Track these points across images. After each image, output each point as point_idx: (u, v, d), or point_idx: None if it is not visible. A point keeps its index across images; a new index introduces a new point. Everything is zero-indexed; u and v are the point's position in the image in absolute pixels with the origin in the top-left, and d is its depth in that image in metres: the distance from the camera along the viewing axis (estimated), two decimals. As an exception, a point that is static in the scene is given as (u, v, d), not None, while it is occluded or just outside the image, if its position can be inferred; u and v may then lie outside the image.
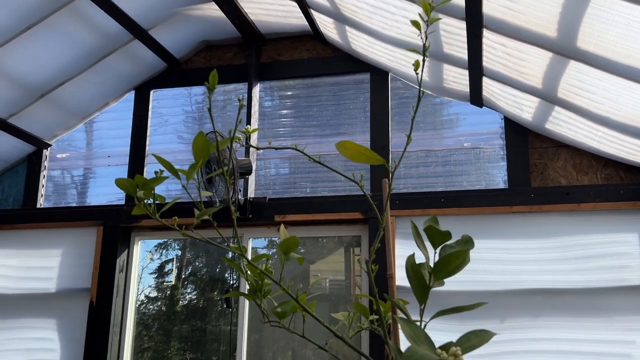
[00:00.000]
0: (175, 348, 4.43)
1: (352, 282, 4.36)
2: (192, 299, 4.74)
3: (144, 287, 4.62)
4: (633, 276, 3.43)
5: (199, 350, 4.35)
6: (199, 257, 4.89)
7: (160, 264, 4.74)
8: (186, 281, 4.75)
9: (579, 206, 3.58)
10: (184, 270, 4.77)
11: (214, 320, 4.50)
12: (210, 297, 4.60)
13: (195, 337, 4.42)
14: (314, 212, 4.01)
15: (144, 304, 4.65)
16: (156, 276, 4.72)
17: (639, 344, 3.35)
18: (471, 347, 0.79)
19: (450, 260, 0.89)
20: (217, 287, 4.56)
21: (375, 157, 1.03)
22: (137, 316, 4.41)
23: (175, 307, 4.64)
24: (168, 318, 4.57)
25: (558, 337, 3.46)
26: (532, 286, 3.55)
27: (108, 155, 4.58)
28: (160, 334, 4.53)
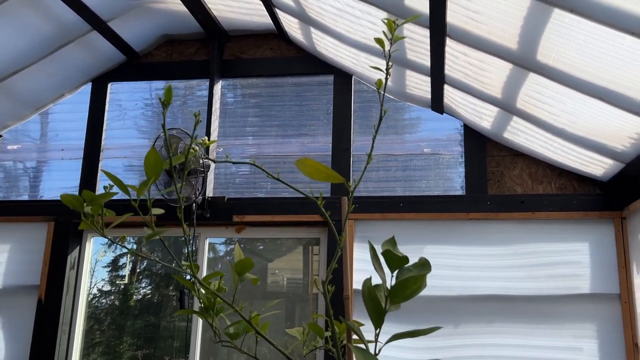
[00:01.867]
0: (128, 343, 4.34)
1: (311, 281, 4.35)
2: (146, 294, 4.64)
3: (97, 280, 4.51)
4: (583, 284, 3.52)
5: (152, 346, 4.27)
6: (155, 252, 4.79)
7: (114, 257, 4.63)
8: (141, 276, 4.65)
9: (533, 215, 3.65)
10: (139, 265, 4.67)
11: (169, 315, 4.42)
12: (165, 292, 4.52)
13: (149, 332, 4.33)
14: (273, 213, 3.98)
15: (96, 298, 4.53)
16: (110, 270, 4.60)
17: (586, 351, 3.44)
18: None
19: (408, 284, 0.88)
20: (173, 282, 4.48)
21: (335, 175, 1.01)
22: (89, 310, 4.30)
23: (128, 302, 4.54)
24: (121, 313, 4.47)
25: (510, 343, 3.53)
26: (486, 292, 3.61)
27: (62, 148, 4.44)
28: (113, 328, 4.43)
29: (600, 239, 3.55)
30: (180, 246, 4.55)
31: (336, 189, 3.98)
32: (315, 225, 4.03)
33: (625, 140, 3.01)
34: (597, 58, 2.55)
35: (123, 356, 4.33)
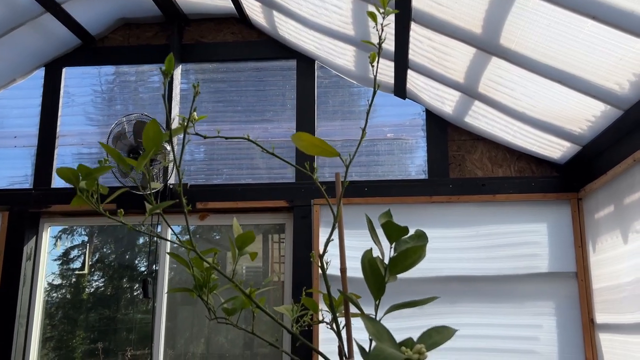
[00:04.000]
0: (81, 337, 4.23)
1: (270, 269, 4.34)
2: (99, 286, 4.53)
3: (47, 274, 4.37)
4: (541, 264, 3.63)
5: (108, 339, 4.18)
6: (108, 244, 4.68)
7: (65, 250, 4.50)
8: (93, 268, 4.54)
9: (493, 197, 3.74)
10: (91, 257, 4.55)
11: (124, 308, 4.33)
12: (120, 285, 4.42)
13: (104, 325, 4.24)
14: (237, 199, 3.95)
15: (46, 292, 4.40)
16: (60, 263, 4.47)
17: (545, 328, 3.56)
18: (434, 344, 0.79)
19: (408, 255, 0.89)
20: (127, 274, 4.39)
21: (330, 149, 1.01)
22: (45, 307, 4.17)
23: (81, 295, 4.43)
24: (74, 306, 4.35)
25: (473, 322, 3.62)
26: (449, 273, 3.69)
27: (14, 135, 4.27)
28: (65, 322, 4.31)
29: (557, 219, 3.67)
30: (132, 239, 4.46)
31: (301, 176, 3.98)
32: (280, 211, 4.02)
33: (583, 123, 3.11)
34: (558, 42, 2.62)
35: (76, 350, 4.23)
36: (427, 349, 0.78)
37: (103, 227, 4.45)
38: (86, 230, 4.62)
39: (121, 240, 4.55)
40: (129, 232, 4.40)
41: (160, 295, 3.95)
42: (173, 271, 4.24)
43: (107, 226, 4.38)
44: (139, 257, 4.47)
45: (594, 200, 3.47)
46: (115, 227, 4.36)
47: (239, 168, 4.17)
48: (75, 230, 4.54)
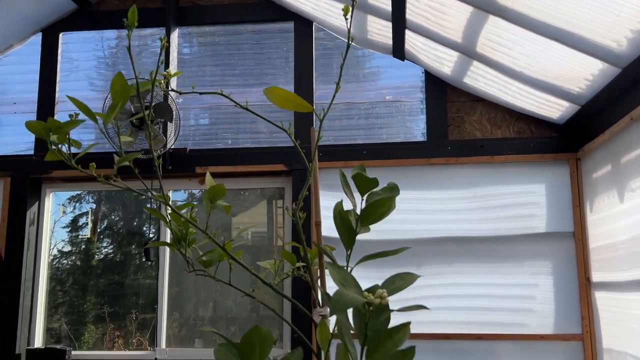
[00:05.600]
0: (92, 302, 4.32)
1: (275, 234, 4.38)
2: (108, 253, 4.60)
3: (57, 241, 4.44)
4: (539, 224, 3.65)
5: (117, 304, 4.26)
6: (115, 211, 4.73)
7: (74, 217, 4.55)
8: (102, 235, 4.60)
9: (492, 159, 3.74)
10: (99, 224, 4.60)
11: (132, 274, 4.40)
12: (128, 250, 4.48)
13: (113, 291, 4.32)
14: (237, 164, 3.96)
15: (57, 259, 4.47)
16: (69, 230, 4.53)
17: (541, 287, 3.60)
18: (396, 289, 0.81)
19: (377, 206, 0.90)
20: (135, 240, 4.45)
21: (304, 104, 1.01)
22: (50, 271, 4.25)
23: (90, 262, 4.50)
24: (83, 273, 4.43)
25: (470, 282, 3.66)
26: (446, 234, 3.71)
27: (14, 102, 4.28)
28: (76, 288, 4.39)
29: (556, 180, 3.67)
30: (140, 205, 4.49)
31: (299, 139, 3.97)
32: (279, 175, 4.04)
33: (581, 82, 3.08)
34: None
35: (87, 315, 4.32)
36: (389, 293, 0.80)
37: (110, 195, 4.50)
38: (94, 198, 4.66)
39: (128, 207, 4.59)
40: (136, 199, 4.44)
41: (163, 258, 4.01)
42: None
43: (114, 193, 4.42)
44: (146, 223, 4.51)
45: (592, 160, 3.46)
46: (122, 195, 4.40)
47: (241, 132, 4.18)
48: (83, 198, 4.59)
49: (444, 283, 3.68)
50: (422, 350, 3.64)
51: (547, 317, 3.56)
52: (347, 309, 0.74)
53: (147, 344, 4.09)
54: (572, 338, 3.49)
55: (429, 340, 3.61)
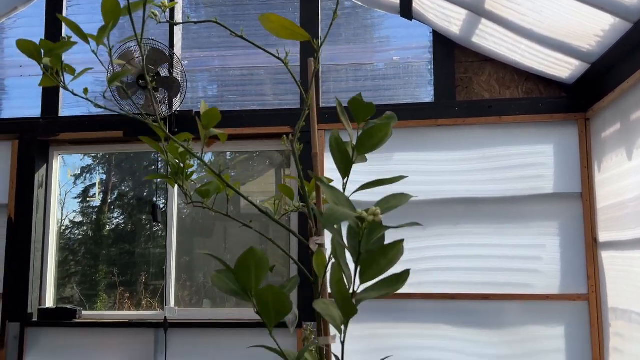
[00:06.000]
0: (104, 272, 4.38)
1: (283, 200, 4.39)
2: (119, 223, 4.64)
3: (69, 212, 4.49)
4: (547, 185, 3.63)
5: (128, 272, 4.32)
6: (125, 181, 4.75)
7: (85, 188, 4.58)
8: (112, 205, 4.63)
9: (500, 119, 3.70)
10: (110, 195, 4.63)
11: (144, 243, 4.45)
12: (138, 220, 4.51)
13: (124, 260, 4.37)
14: (243, 126, 3.95)
15: (69, 229, 4.52)
16: (80, 200, 4.57)
17: (548, 247, 3.59)
18: (390, 208, 0.80)
19: (374, 133, 0.89)
20: (145, 210, 4.47)
21: (301, 32, 0.99)
22: (62, 242, 4.32)
23: (102, 232, 4.55)
24: (95, 242, 4.48)
25: (476, 243, 3.66)
26: (453, 196, 3.70)
27: (20, 65, 4.28)
28: (88, 258, 4.45)
29: (564, 140, 3.64)
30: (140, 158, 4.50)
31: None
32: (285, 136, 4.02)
33: (591, 38, 3.02)
34: (565, -51, 2.52)
35: (99, 284, 4.38)
36: (383, 211, 0.79)
37: (120, 165, 4.51)
38: (104, 169, 4.69)
39: (138, 178, 4.60)
40: (145, 169, 4.44)
41: (171, 219, 4.03)
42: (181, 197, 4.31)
43: (123, 163, 4.44)
44: (156, 193, 4.53)
45: (601, 119, 3.41)
46: (132, 164, 4.42)
47: (247, 94, 4.15)
48: (94, 169, 4.61)
49: (450, 244, 3.68)
50: (428, 311, 3.66)
51: (553, 277, 3.56)
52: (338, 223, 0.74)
53: (157, 306, 4.14)
54: (578, 298, 3.50)
55: (435, 300, 3.63)
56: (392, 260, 0.80)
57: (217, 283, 0.92)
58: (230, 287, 0.91)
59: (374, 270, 0.79)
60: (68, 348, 3.88)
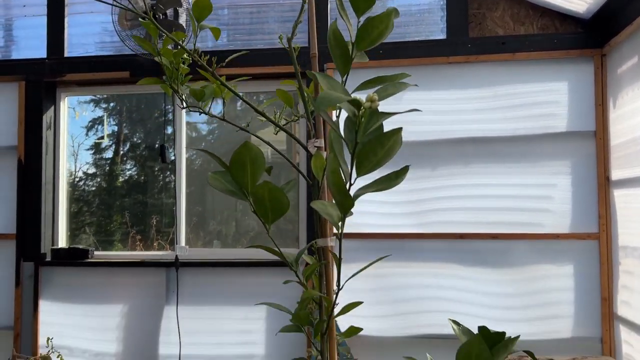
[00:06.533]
0: (119, 222, 4.42)
1: (293, 151, 4.36)
2: (132, 174, 4.65)
3: (82, 164, 4.51)
4: (560, 123, 3.55)
5: (142, 222, 4.35)
6: (137, 132, 4.73)
7: (97, 139, 4.57)
8: (125, 157, 4.63)
9: (513, 56, 3.60)
10: (122, 146, 4.63)
11: (156, 194, 4.46)
12: (151, 170, 4.51)
13: (138, 210, 4.40)
14: (250, 65, 3.88)
15: (82, 180, 4.55)
16: (93, 152, 4.57)
17: (559, 187, 3.55)
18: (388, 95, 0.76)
19: (374, 24, 0.85)
20: (157, 162, 4.47)
21: None
22: (76, 193, 4.35)
23: (115, 183, 4.56)
24: (109, 193, 4.51)
25: (486, 183, 3.62)
26: (464, 135, 3.64)
27: (23, 4, 4.21)
28: (102, 209, 4.49)
29: (579, 77, 3.54)
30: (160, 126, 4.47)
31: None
32: (293, 77, 3.95)
33: (611, -34, 2.90)
34: None
35: (115, 234, 4.42)
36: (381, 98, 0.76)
37: (131, 116, 4.48)
38: (115, 120, 4.66)
39: (149, 129, 4.57)
40: (156, 121, 4.40)
41: (179, 157, 4.03)
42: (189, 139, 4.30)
43: (134, 115, 4.41)
44: (167, 144, 4.51)
45: (617, 54, 3.31)
46: (143, 115, 4.38)
47: (255, 33, 4.07)
48: (107, 121, 4.59)
49: (460, 184, 3.65)
50: (436, 250, 3.67)
51: (564, 216, 3.53)
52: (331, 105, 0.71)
53: (168, 248, 4.19)
54: (588, 237, 3.47)
55: (443, 239, 3.62)
56: (390, 151, 0.77)
57: (214, 183, 0.90)
58: (226, 187, 0.89)
59: (371, 162, 0.76)
60: (81, 287, 3.96)
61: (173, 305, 3.82)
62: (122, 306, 3.93)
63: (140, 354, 3.88)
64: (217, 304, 3.84)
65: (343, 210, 0.79)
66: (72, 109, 4.32)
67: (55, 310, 3.94)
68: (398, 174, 0.81)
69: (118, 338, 3.91)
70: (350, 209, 0.79)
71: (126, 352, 3.89)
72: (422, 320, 3.58)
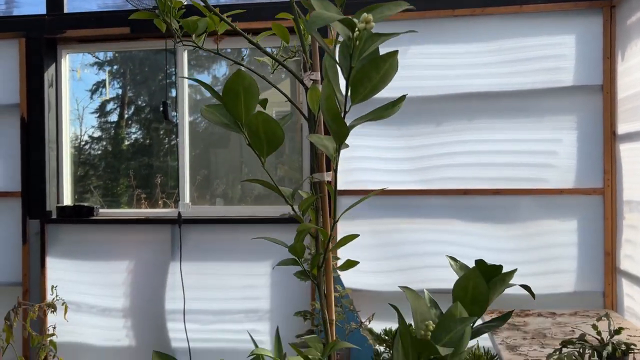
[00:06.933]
0: (125, 185, 4.43)
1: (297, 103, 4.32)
2: (137, 137, 4.63)
3: (87, 128, 4.50)
4: (566, 77, 3.50)
5: (149, 185, 4.36)
6: (141, 96, 4.69)
7: (101, 103, 4.55)
8: (130, 120, 4.61)
9: (520, 8, 3.53)
10: (127, 109, 4.60)
11: (162, 157, 4.46)
12: (156, 133, 4.49)
13: (143, 172, 4.40)
14: (251, 20, 3.82)
15: (88, 144, 4.54)
16: (98, 115, 4.55)
17: (564, 142, 3.52)
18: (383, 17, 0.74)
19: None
20: (162, 125, 4.44)
21: None
22: (82, 157, 4.36)
23: (120, 146, 4.56)
24: (115, 156, 4.51)
25: (491, 139, 3.59)
26: (468, 90, 3.60)
27: (21, -41, 4.14)
28: (108, 172, 4.50)
29: (587, 30, 3.47)
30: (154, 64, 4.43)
31: None
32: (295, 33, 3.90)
33: None
34: None
35: (121, 197, 4.44)
36: (375, 20, 0.74)
37: (135, 78, 4.43)
38: (119, 83, 4.62)
39: (154, 92, 4.53)
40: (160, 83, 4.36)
41: (182, 114, 4.01)
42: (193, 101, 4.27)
43: (138, 77, 4.36)
44: (166, 94, 4.48)
45: (627, 5, 3.23)
46: (147, 78, 4.34)
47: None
48: (110, 84, 4.55)
49: (463, 140, 3.62)
50: (438, 207, 3.66)
51: (569, 172, 3.51)
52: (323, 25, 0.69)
53: (173, 206, 4.20)
54: (593, 192, 3.46)
55: (447, 196, 3.62)
56: (386, 76, 0.75)
57: (208, 116, 0.88)
58: (220, 120, 0.87)
59: (365, 88, 0.75)
60: (88, 244, 3.99)
61: (179, 262, 3.86)
62: (128, 263, 3.97)
63: (147, 309, 3.94)
64: (222, 260, 3.88)
65: (338, 140, 0.77)
66: (74, 71, 4.29)
67: (63, 267, 3.99)
68: (394, 103, 0.80)
69: (125, 294, 3.96)
70: (345, 139, 0.78)
71: (133, 307, 3.95)
72: (424, 275, 3.61)
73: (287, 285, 3.75)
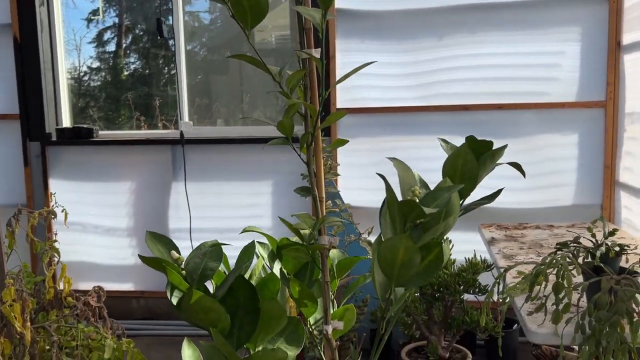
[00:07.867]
0: (126, 117, 4.39)
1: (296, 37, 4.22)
2: (136, 67, 4.55)
3: (85, 58, 4.41)
4: (572, -13, 3.39)
5: (148, 114, 4.32)
6: (138, 24, 4.57)
7: (99, 32, 4.43)
8: (128, 50, 4.52)
9: None
10: (124, 38, 4.49)
11: (162, 86, 4.40)
12: (154, 64, 4.41)
13: (143, 101, 4.35)
14: None
15: (87, 74, 4.47)
16: (95, 45, 4.45)
17: (568, 54, 3.45)
18: None
19: None
20: (160, 55, 4.35)
21: None
22: (82, 88, 4.29)
23: (120, 76, 4.49)
24: (115, 87, 4.45)
25: (492, 52, 3.52)
26: (469, 2, 3.50)
27: None
28: (109, 102, 4.45)
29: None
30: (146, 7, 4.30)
31: None
32: (292, -57, 3.76)
33: None
34: None
35: (123, 127, 4.41)
36: None
37: (132, 7, 4.30)
38: (116, 12, 4.50)
39: (151, 19, 4.41)
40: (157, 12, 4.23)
41: (178, 34, 3.93)
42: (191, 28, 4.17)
43: (135, 4, 4.23)
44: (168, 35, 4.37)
45: None
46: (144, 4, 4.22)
47: None
48: (106, 11, 4.42)
49: (464, 54, 3.55)
50: (440, 123, 3.63)
51: (571, 85, 3.46)
52: None
53: (173, 127, 4.19)
54: (595, 105, 3.42)
55: (447, 112, 3.59)
56: None
57: None
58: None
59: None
60: (89, 164, 4.01)
61: (180, 182, 3.89)
62: (131, 183, 4.00)
63: (150, 228, 3.98)
64: (224, 180, 3.90)
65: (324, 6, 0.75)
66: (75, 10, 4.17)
67: (66, 188, 4.02)
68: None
69: (128, 213, 4.02)
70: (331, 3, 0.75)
71: (137, 226, 4.01)
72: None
73: (289, 202, 3.79)
